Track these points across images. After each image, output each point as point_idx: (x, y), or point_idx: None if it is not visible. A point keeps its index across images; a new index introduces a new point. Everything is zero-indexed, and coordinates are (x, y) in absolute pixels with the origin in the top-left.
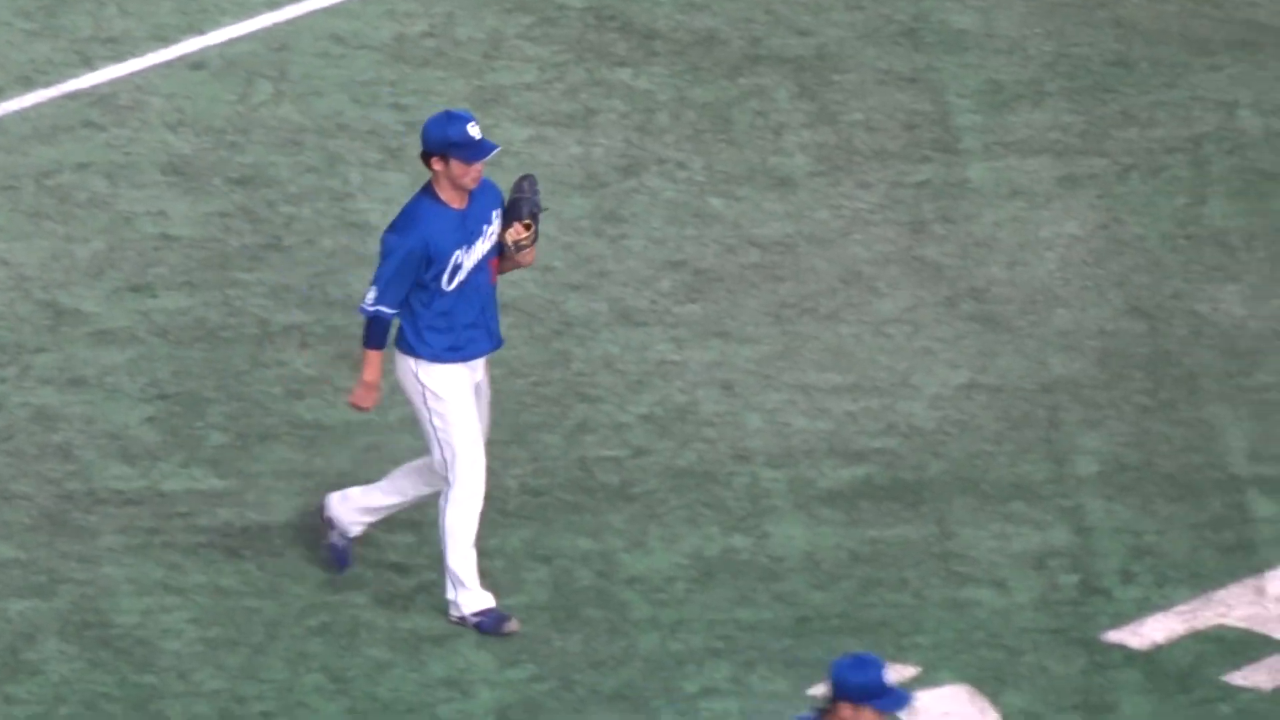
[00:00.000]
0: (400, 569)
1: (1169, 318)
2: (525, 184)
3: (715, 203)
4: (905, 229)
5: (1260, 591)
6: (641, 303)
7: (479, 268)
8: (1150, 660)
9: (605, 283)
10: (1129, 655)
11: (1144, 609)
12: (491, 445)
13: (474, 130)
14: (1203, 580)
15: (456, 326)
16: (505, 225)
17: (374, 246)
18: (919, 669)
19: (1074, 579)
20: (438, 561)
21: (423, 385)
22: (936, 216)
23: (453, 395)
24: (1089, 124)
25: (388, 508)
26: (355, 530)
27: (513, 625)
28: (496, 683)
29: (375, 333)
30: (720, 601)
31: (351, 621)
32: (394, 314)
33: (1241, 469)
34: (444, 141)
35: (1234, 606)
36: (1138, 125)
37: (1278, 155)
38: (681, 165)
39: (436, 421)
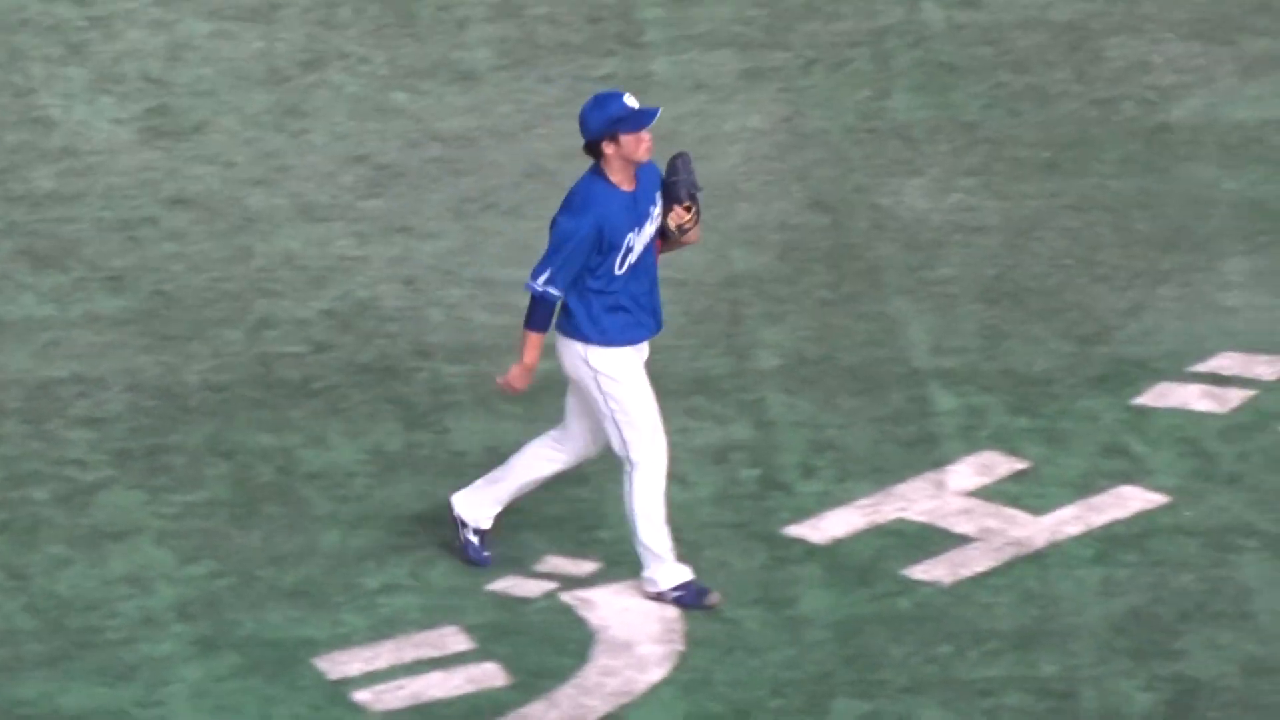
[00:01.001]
0: (81, 465)
1: (851, 211)
2: (679, 163)
3: (398, 97)
4: None
5: (941, 485)
6: (323, 198)
7: (646, 250)
8: (830, 554)
9: (287, 178)
10: (809, 549)
11: (825, 503)
12: (172, 340)
13: (631, 100)
14: (883, 474)
15: (626, 309)
16: (665, 208)
17: (57, 141)
18: (600, 564)
19: (755, 473)
20: (118, 457)
21: (594, 370)
22: None
23: (626, 376)
24: (772, 17)
25: (517, 491)
26: (486, 523)
27: (714, 598)
28: (177, 579)
29: (541, 314)
30: (401, 497)
31: (31, 519)
32: (560, 296)
33: (923, 362)
34: (608, 121)
35: (914, 500)
36: (821, 18)
37: (960, 48)
38: (364, 60)
39: (612, 405)
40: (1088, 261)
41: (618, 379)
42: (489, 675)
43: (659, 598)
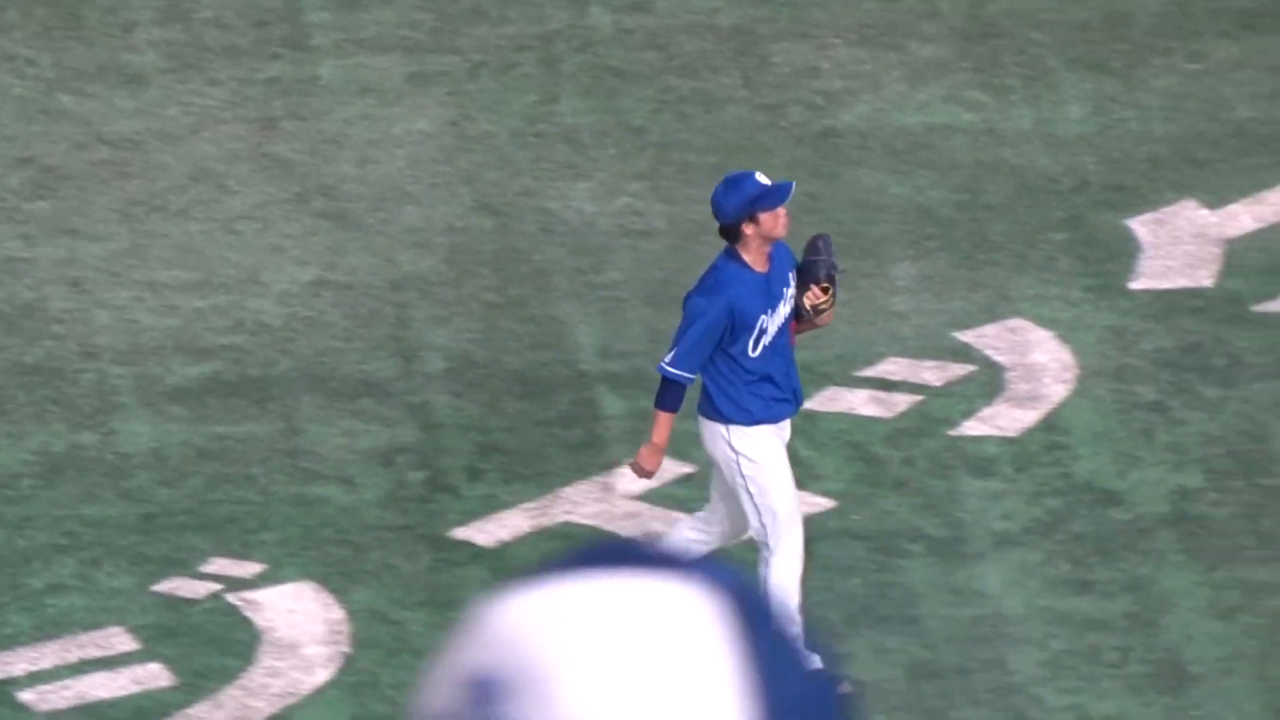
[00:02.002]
0: None
1: (519, 214)
2: (821, 244)
3: (65, 99)
4: (255, 126)
5: (608, 489)
6: None
7: (781, 331)
8: (497, 557)
9: None
10: (476, 552)
11: (491, 506)
12: None
13: (763, 178)
14: (551, 478)
15: (763, 390)
16: (802, 288)
17: None
18: (265, 566)
19: (421, 476)
20: None
21: (736, 452)
22: (287, 113)
23: (767, 459)
24: (440, 21)
25: None
26: None
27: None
28: None
29: (671, 395)
30: (66, 498)
31: None
32: (692, 379)
33: (590, 366)
34: (746, 201)
35: (581, 504)
36: (489, 22)
37: (628, 52)
38: (31, 62)
39: (752, 488)
40: None
41: (758, 462)
42: (154, 676)
43: None
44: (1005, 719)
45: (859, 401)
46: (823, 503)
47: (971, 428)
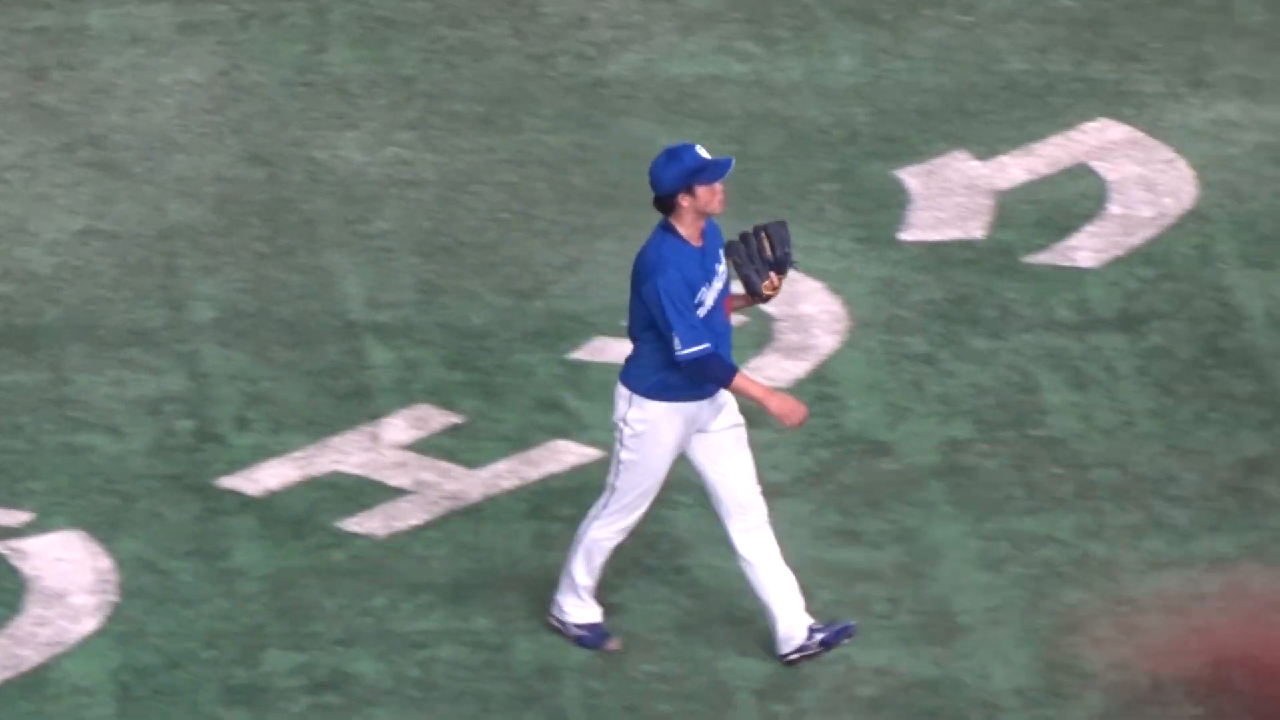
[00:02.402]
0: None
1: (288, 164)
2: (787, 234)
3: None
4: (24, 75)
5: (375, 438)
6: None
7: (716, 306)
8: (265, 506)
9: None
10: (244, 501)
11: (259, 455)
12: None
13: (703, 151)
14: (319, 427)
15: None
16: (755, 271)
17: None
18: (33, 515)
19: (189, 425)
20: None
21: (627, 423)
22: (56, 63)
23: (653, 439)
24: None
25: (787, 577)
26: (805, 625)
27: (615, 644)
28: None
29: (717, 367)
30: None
31: None
32: (710, 345)
33: (359, 316)
34: (685, 173)
35: (349, 453)
36: None
37: (398, 1)
38: None
39: (625, 457)
40: (525, 216)
41: (642, 443)
42: None
43: (562, 628)
44: (773, 670)
45: (628, 352)
46: (590, 453)
47: None
